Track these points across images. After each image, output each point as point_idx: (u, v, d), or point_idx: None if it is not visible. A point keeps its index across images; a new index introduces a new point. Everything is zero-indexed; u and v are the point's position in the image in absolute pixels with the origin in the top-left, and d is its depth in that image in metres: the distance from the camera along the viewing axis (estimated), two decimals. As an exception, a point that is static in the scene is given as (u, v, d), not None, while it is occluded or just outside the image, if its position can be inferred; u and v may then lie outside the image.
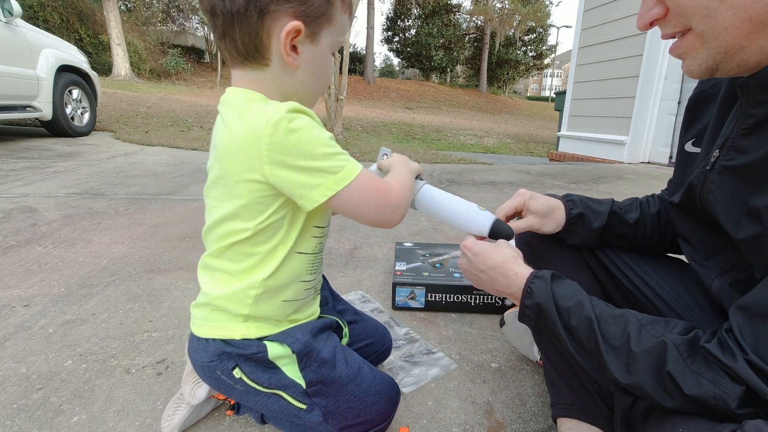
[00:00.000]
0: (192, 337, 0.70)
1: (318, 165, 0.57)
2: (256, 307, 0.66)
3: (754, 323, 0.44)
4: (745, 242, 0.51)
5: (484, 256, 0.67)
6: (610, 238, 0.78)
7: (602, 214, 0.76)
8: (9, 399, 0.82)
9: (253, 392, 0.68)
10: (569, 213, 0.77)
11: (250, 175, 0.58)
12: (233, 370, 0.67)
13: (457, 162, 4.38)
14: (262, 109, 0.58)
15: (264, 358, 0.67)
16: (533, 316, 0.59)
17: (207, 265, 0.70)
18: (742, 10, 0.43)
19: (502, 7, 24.47)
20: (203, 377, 0.71)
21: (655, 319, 0.53)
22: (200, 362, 0.68)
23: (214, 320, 0.68)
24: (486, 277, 0.67)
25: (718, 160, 0.56)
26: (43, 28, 7.55)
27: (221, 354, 0.67)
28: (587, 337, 0.53)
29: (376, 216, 0.62)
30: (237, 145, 0.58)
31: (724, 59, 0.47)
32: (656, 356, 0.48)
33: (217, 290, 0.67)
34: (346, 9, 0.64)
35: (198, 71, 17.30)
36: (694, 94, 0.70)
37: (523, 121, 17.25)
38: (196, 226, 1.89)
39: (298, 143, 0.56)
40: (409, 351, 1.03)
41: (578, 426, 0.71)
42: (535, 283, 0.60)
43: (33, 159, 3.24)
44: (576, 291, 0.58)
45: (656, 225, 0.77)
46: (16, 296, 1.21)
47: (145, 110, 7.53)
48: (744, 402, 0.43)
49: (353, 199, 0.59)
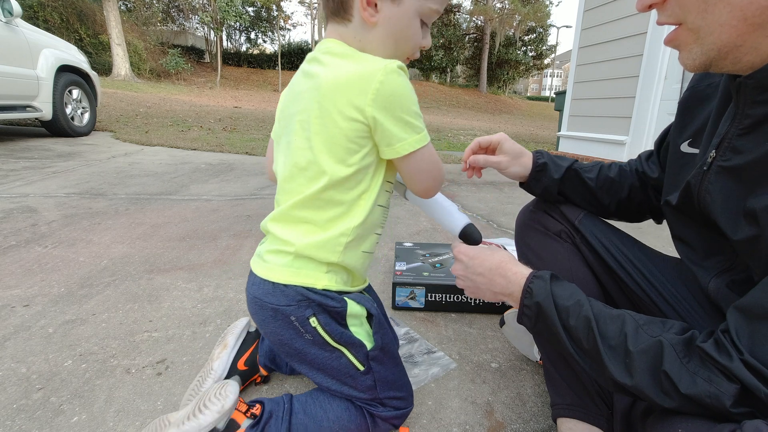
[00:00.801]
0: (262, 282, 0.69)
1: (410, 120, 0.62)
2: (344, 254, 0.68)
3: (752, 324, 0.44)
4: (743, 243, 0.51)
5: (481, 258, 0.67)
6: (571, 194, 0.83)
7: (561, 167, 0.83)
8: (9, 399, 0.82)
9: (320, 344, 0.68)
10: (536, 162, 0.83)
11: (351, 112, 0.61)
12: (309, 318, 0.67)
13: (457, 162, 4.38)
14: (373, 58, 0.63)
15: (343, 313, 0.69)
16: (533, 316, 0.59)
17: (290, 216, 0.68)
18: (737, 9, 0.43)
19: (502, 7, 24.49)
20: (268, 323, 0.69)
21: (651, 319, 0.53)
22: (275, 305, 0.67)
23: (298, 267, 0.68)
24: (483, 281, 0.67)
25: (715, 161, 0.56)
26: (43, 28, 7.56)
27: (302, 300, 0.66)
28: (586, 337, 0.53)
29: (429, 185, 0.70)
30: (347, 80, 0.61)
31: (718, 56, 0.48)
32: (653, 356, 0.48)
33: (305, 239, 0.67)
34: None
35: (198, 71, 17.31)
36: (687, 94, 0.70)
37: (523, 121, 17.25)
38: (196, 225, 1.89)
39: (402, 96, 0.60)
40: (409, 351, 1.03)
41: (578, 426, 0.71)
42: (534, 282, 0.60)
43: (33, 159, 3.24)
44: (574, 291, 0.58)
45: (606, 189, 0.82)
46: (16, 296, 1.21)
47: (145, 110, 7.53)
48: (739, 401, 0.43)
49: (422, 165, 0.66)
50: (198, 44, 20.54)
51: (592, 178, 0.82)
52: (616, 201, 0.83)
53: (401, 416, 0.75)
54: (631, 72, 4.55)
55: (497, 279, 0.65)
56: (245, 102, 11.86)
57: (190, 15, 19.41)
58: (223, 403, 0.66)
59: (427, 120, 12.06)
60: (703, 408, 0.45)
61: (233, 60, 20.42)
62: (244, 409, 0.70)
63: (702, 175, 0.58)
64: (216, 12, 16.88)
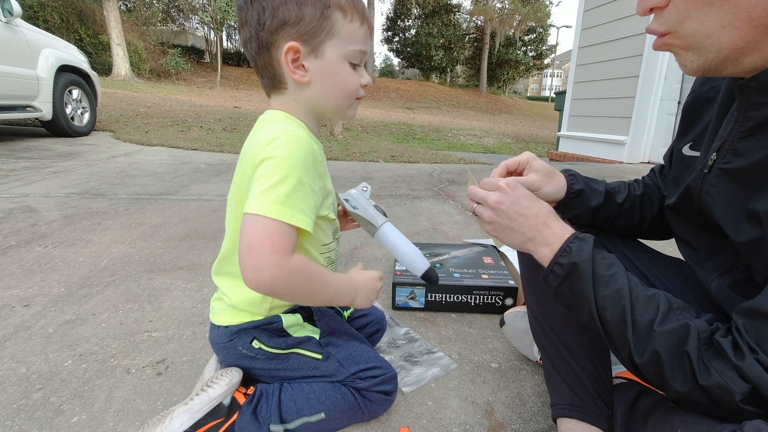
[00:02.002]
0: (212, 326, 0.78)
1: (267, 184, 0.59)
2: (276, 309, 0.76)
3: (758, 324, 0.44)
4: (746, 245, 0.51)
5: (530, 202, 0.61)
6: (599, 217, 0.79)
7: (600, 194, 0.78)
8: (9, 399, 0.82)
9: (273, 358, 0.76)
10: (570, 187, 0.76)
11: (250, 175, 0.63)
12: (252, 342, 0.75)
13: (457, 162, 4.38)
14: (270, 127, 0.66)
15: (279, 326, 0.76)
16: (563, 275, 0.56)
17: (220, 270, 0.77)
18: (743, 10, 0.43)
19: (502, 7, 24.49)
20: (226, 358, 0.78)
21: (686, 306, 0.51)
22: (222, 344, 0.76)
23: (235, 312, 0.75)
24: (523, 223, 0.60)
25: (716, 163, 0.56)
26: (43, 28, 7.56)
27: (239, 331, 0.75)
28: (612, 308, 0.52)
29: (242, 261, 0.58)
30: (248, 153, 0.65)
31: (717, 59, 0.47)
32: (678, 337, 0.47)
33: (236, 296, 0.74)
34: (354, 18, 0.66)
35: (198, 71, 17.30)
36: (689, 98, 0.69)
37: (523, 121, 17.25)
38: (196, 225, 1.89)
39: (270, 165, 0.60)
40: (409, 351, 1.03)
41: (578, 426, 0.71)
42: (575, 243, 0.56)
43: (33, 159, 3.24)
44: (614, 263, 0.55)
45: (638, 207, 0.79)
46: (16, 296, 1.21)
47: (145, 110, 7.53)
48: (748, 399, 0.43)
49: (249, 237, 0.58)
50: (198, 44, 20.53)
51: (625, 199, 0.79)
52: (649, 218, 0.79)
53: (384, 382, 0.77)
54: (631, 72, 4.55)
55: (539, 226, 0.60)
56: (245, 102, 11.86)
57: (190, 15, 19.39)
58: (230, 378, 0.73)
59: (427, 120, 12.08)
60: (710, 400, 0.45)
61: (233, 60, 20.40)
62: (243, 391, 0.75)
63: (702, 177, 0.58)
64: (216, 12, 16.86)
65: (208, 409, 0.69)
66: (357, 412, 0.75)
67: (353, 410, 0.75)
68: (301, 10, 0.62)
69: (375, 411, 0.78)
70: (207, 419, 0.69)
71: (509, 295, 1.21)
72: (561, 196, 0.76)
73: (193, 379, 0.89)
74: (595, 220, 0.79)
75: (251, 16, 0.64)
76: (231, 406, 0.72)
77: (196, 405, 0.69)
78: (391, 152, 4.75)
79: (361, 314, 0.97)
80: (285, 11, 0.62)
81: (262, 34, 0.64)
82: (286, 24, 0.62)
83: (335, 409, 0.74)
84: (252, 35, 0.65)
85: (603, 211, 0.78)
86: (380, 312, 1.02)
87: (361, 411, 0.76)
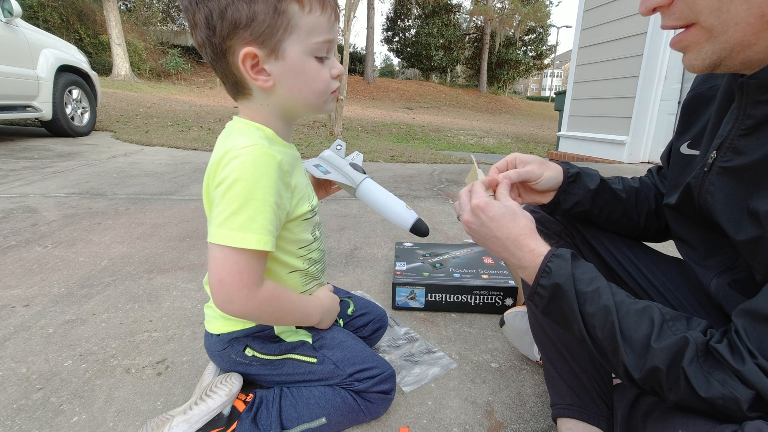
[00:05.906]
0: (205, 334, 0.79)
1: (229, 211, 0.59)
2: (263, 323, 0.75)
3: (758, 326, 0.44)
4: (745, 244, 0.51)
5: (501, 223, 0.60)
6: (604, 206, 0.77)
7: (595, 176, 0.77)
8: (9, 399, 0.82)
9: (267, 364, 0.76)
10: (567, 171, 0.76)
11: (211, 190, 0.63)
12: (245, 351, 0.75)
13: (457, 162, 4.38)
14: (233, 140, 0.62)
15: (270, 334, 0.76)
16: (547, 296, 0.55)
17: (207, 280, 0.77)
18: (756, 6, 0.42)
19: (502, 7, 24.48)
20: (222, 365, 0.79)
21: (678, 315, 0.51)
22: (216, 352, 0.77)
23: (225, 320, 0.75)
24: (497, 245, 0.61)
25: (716, 162, 0.56)
26: (43, 28, 7.56)
27: (231, 340, 0.75)
28: (602, 326, 0.51)
29: (213, 292, 0.63)
30: (210, 167, 0.64)
31: (729, 55, 0.46)
32: (676, 351, 0.46)
33: None
34: (313, 7, 0.60)
35: (198, 71, 17.29)
36: (689, 97, 0.69)
37: (523, 121, 17.25)
38: (196, 226, 1.89)
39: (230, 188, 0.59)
40: (410, 350, 1.03)
41: (578, 426, 0.71)
42: (554, 262, 0.55)
43: (33, 159, 3.24)
44: (595, 276, 0.55)
45: (634, 199, 0.79)
46: (16, 296, 1.21)
47: (145, 110, 7.53)
48: (753, 405, 0.42)
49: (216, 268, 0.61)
50: (198, 44, 20.54)
51: (621, 189, 0.78)
52: (645, 213, 0.79)
53: (382, 381, 0.77)
54: (631, 72, 4.54)
55: (512, 249, 0.59)
56: (245, 102, 11.82)
57: (190, 15, 19.41)
58: (230, 387, 0.72)
59: (427, 120, 12.08)
60: (714, 410, 0.44)
61: (233, 60, 20.41)
62: (243, 398, 0.75)
63: (702, 176, 0.58)
64: (216, 12, 16.84)
65: (207, 420, 0.69)
66: (358, 414, 0.75)
67: (354, 412, 0.75)
68: (252, 8, 0.56)
69: (375, 411, 0.77)
70: (206, 429, 0.68)
71: (509, 295, 1.21)
72: (560, 181, 0.76)
73: (193, 379, 0.89)
74: (595, 207, 0.77)
75: (199, 19, 0.58)
76: (230, 415, 0.71)
77: (195, 416, 0.68)
78: (391, 152, 4.75)
79: (362, 312, 0.96)
80: (234, 11, 0.56)
81: (215, 40, 0.58)
82: (237, 27, 0.57)
83: (336, 412, 0.74)
84: (204, 41, 0.59)
85: (602, 196, 0.77)
86: (381, 309, 1.01)
87: (361, 413, 0.75)
